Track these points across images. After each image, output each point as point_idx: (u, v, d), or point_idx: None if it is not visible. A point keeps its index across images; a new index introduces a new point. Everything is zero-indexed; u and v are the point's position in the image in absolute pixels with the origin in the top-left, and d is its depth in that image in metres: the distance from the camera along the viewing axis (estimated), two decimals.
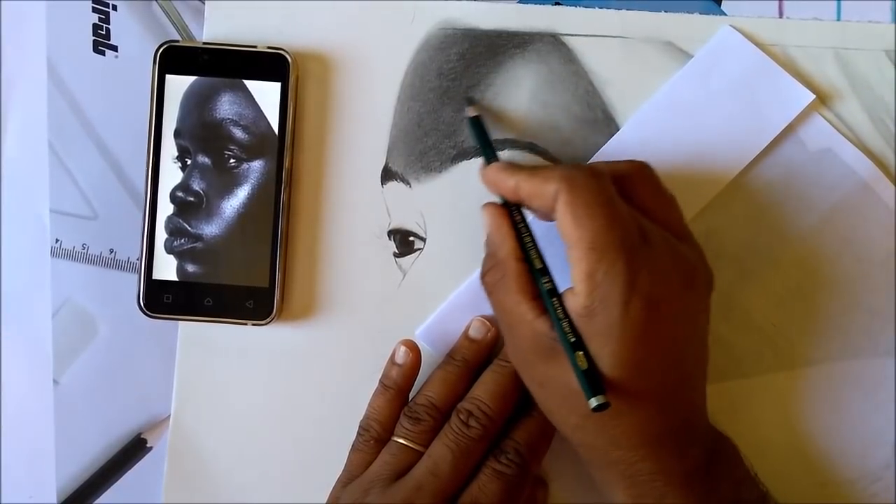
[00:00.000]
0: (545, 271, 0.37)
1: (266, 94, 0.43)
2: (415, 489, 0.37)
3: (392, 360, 0.43)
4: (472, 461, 0.39)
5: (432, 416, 0.40)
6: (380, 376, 0.43)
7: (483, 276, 0.39)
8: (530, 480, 0.40)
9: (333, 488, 0.41)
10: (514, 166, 0.38)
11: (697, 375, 0.38)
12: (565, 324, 0.35)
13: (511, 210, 0.39)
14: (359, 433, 0.42)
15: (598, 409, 0.34)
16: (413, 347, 0.42)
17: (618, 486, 0.37)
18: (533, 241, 0.38)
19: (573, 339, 0.35)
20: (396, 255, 0.45)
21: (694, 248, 0.38)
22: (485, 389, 0.40)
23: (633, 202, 0.37)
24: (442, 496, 0.37)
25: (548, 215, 0.37)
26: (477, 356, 0.42)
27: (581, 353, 0.35)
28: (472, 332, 0.43)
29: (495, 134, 0.44)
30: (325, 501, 0.42)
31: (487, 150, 0.42)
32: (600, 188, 0.35)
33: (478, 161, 0.44)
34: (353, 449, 0.42)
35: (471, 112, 0.43)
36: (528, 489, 0.40)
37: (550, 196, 0.35)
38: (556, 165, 0.36)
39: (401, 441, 0.40)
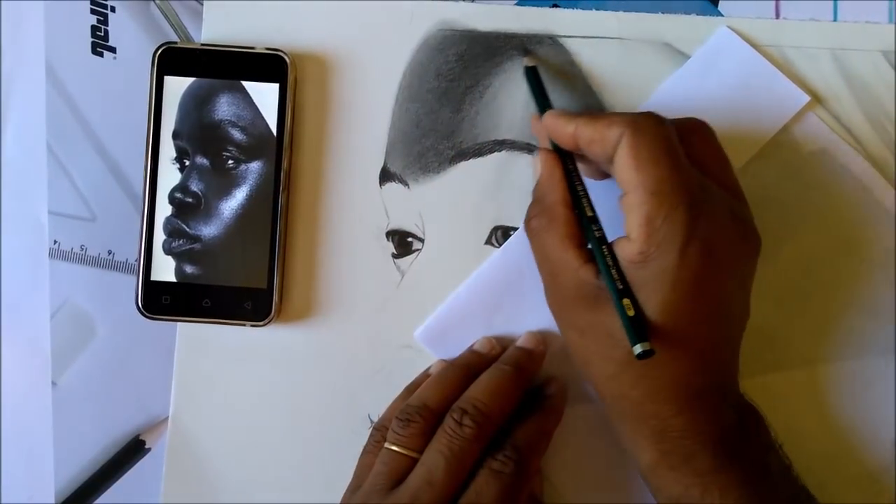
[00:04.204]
0: (595, 220, 0.37)
1: (264, 95, 0.43)
2: (411, 499, 0.36)
3: (426, 372, 0.44)
4: (468, 464, 0.38)
5: (424, 417, 0.39)
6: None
7: (528, 220, 0.39)
8: (530, 480, 0.39)
9: (343, 495, 0.40)
10: (572, 112, 0.38)
11: (737, 337, 0.38)
12: (614, 271, 0.35)
13: (564, 158, 0.39)
14: (371, 434, 0.41)
15: (643, 356, 0.34)
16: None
17: (646, 442, 0.37)
18: (584, 189, 0.38)
19: (621, 287, 0.35)
20: (395, 256, 0.45)
21: (747, 208, 0.38)
22: (481, 388, 0.40)
23: (690, 158, 0.36)
24: None
25: (602, 164, 0.37)
26: (478, 365, 0.42)
27: (628, 300, 0.35)
28: (478, 347, 0.43)
29: (492, 135, 0.44)
30: (325, 502, 0.42)
31: (543, 99, 0.42)
32: (665, 135, 0.35)
33: (475, 162, 0.44)
34: (363, 452, 0.41)
35: (528, 62, 0.43)
36: (527, 490, 0.39)
37: (613, 140, 0.35)
38: (617, 112, 0.37)
39: (391, 448, 0.39)
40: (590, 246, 0.37)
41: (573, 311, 0.38)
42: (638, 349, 0.34)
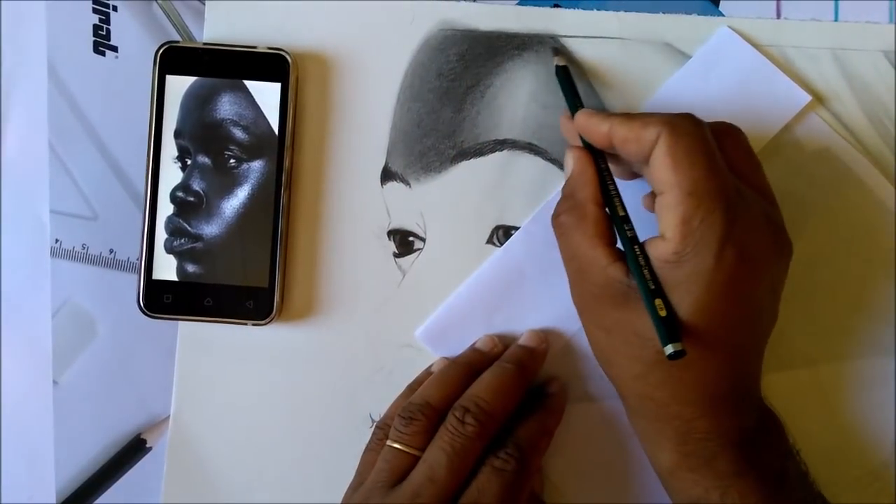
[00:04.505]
0: (627, 219, 0.37)
1: (266, 94, 0.43)
2: (413, 497, 0.36)
3: (427, 370, 0.44)
4: (470, 461, 0.38)
5: (426, 415, 0.39)
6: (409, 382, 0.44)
7: (557, 216, 0.39)
8: (531, 479, 0.39)
9: (345, 493, 0.40)
10: (605, 112, 0.38)
11: (764, 341, 0.38)
12: (646, 271, 0.35)
13: (596, 156, 0.39)
14: (373, 432, 0.41)
15: (675, 356, 0.33)
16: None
17: (668, 443, 0.37)
18: (616, 188, 0.38)
19: (653, 287, 0.35)
20: (396, 256, 0.45)
21: (780, 213, 0.38)
22: (483, 386, 0.40)
23: (724, 161, 0.36)
24: (441, 501, 0.36)
25: (634, 164, 0.37)
26: (481, 364, 0.42)
27: (660, 300, 0.34)
28: (480, 345, 0.43)
29: (494, 135, 0.44)
30: (327, 503, 0.41)
31: (575, 98, 0.42)
32: (703, 136, 0.35)
33: (477, 161, 0.44)
34: (365, 450, 0.41)
35: (558, 61, 0.43)
36: (529, 488, 0.39)
37: (649, 140, 0.35)
38: (653, 112, 0.37)
39: (394, 445, 0.39)
40: (619, 245, 0.37)
41: (600, 310, 0.38)
42: (669, 349, 0.34)
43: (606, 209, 0.38)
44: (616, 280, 0.36)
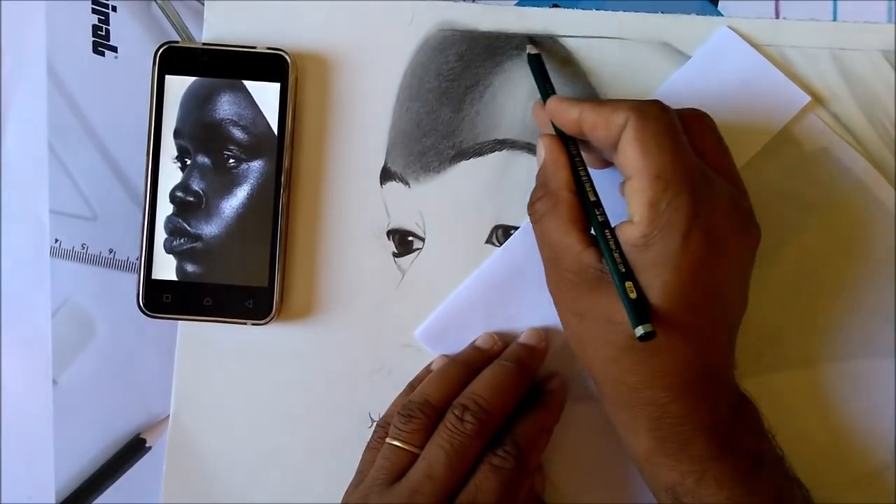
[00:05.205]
0: (598, 204, 0.37)
1: (265, 94, 0.43)
2: (411, 494, 0.37)
3: (427, 367, 0.44)
4: (468, 459, 0.38)
5: (425, 413, 0.39)
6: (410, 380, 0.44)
7: (532, 204, 0.39)
8: (530, 476, 0.40)
9: (346, 491, 0.40)
10: (576, 98, 0.39)
11: (735, 326, 0.38)
12: (617, 254, 0.35)
13: (567, 143, 0.39)
14: (374, 430, 0.42)
15: (645, 337, 0.34)
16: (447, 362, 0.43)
17: (642, 428, 0.37)
18: (588, 174, 0.38)
19: (623, 271, 0.35)
20: (395, 255, 0.45)
21: (747, 199, 0.38)
22: (482, 385, 0.40)
23: (692, 147, 0.37)
24: (439, 499, 0.37)
25: (604, 150, 0.38)
26: (480, 361, 0.42)
27: (630, 283, 0.35)
28: (479, 343, 0.43)
29: (493, 135, 0.44)
30: (327, 502, 0.42)
31: (547, 85, 0.42)
32: (669, 121, 0.36)
33: (476, 161, 0.45)
34: (366, 448, 0.41)
35: (531, 49, 0.43)
36: (528, 485, 0.39)
37: (618, 125, 0.36)
38: (621, 99, 0.37)
39: (393, 443, 0.39)
40: (593, 230, 0.37)
41: (573, 295, 0.38)
42: (640, 331, 0.34)
43: (580, 195, 0.38)
44: (589, 265, 0.37)
